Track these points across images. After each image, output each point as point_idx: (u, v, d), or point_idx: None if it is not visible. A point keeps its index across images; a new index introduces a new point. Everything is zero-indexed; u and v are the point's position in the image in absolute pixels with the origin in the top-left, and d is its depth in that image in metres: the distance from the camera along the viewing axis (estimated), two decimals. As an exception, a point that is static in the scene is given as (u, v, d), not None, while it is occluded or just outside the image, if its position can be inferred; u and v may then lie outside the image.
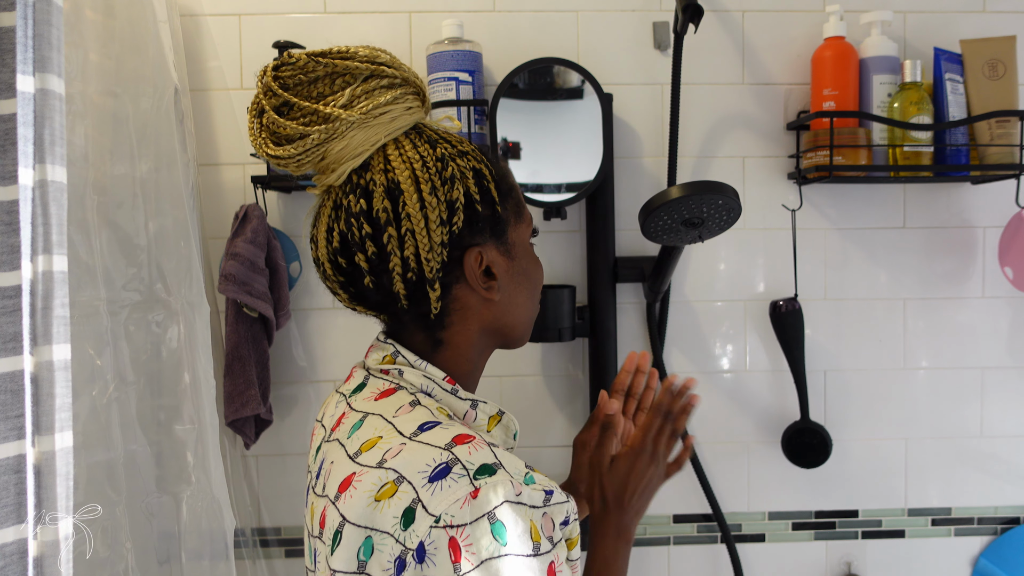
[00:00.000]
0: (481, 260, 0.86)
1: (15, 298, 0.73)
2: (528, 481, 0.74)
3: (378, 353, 0.90)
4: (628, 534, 1.02)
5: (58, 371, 0.77)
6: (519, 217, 0.91)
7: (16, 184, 0.73)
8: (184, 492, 1.31)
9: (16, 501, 0.73)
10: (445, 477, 0.71)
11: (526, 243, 0.93)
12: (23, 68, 0.73)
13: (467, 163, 0.86)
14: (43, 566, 0.76)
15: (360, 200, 0.83)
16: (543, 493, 0.75)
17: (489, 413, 0.90)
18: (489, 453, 0.74)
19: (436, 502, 0.70)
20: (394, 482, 0.72)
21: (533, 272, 0.94)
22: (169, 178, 1.33)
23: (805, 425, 1.56)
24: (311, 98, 0.84)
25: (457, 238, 0.84)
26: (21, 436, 0.74)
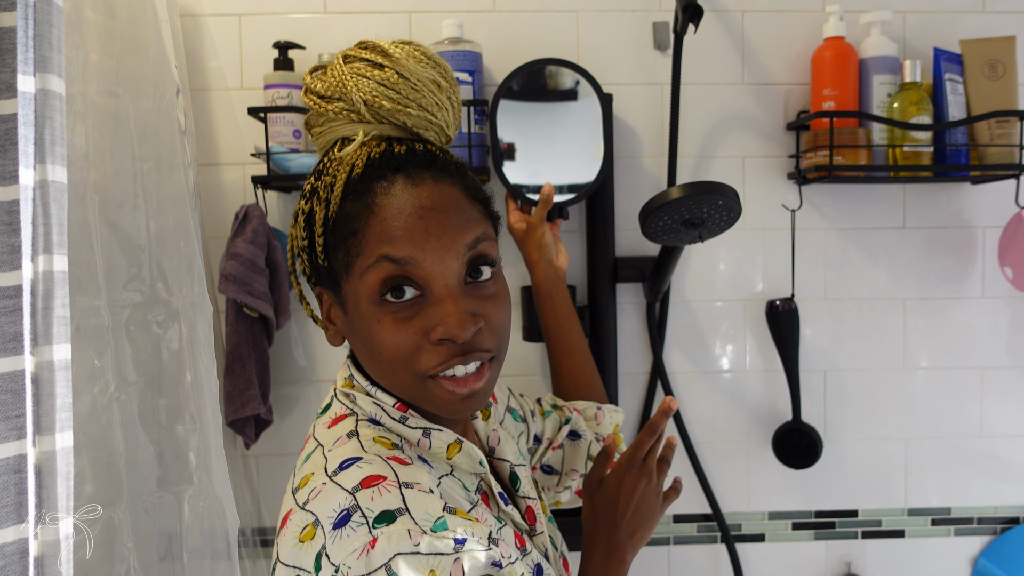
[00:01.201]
0: (328, 303, 0.84)
1: (15, 298, 0.73)
2: (437, 528, 0.69)
3: (341, 373, 0.88)
4: (621, 554, 0.98)
5: (58, 371, 0.77)
6: (349, 270, 0.77)
7: (17, 184, 0.73)
8: (186, 492, 1.31)
9: (16, 501, 0.73)
10: (345, 525, 0.69)
11: (363, 301, 0.77)
12: (24, 68, 0.73)
13: (309, 203, 0.80)
14: (43, 566, 0.76)
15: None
16: (452, 541, 0.68)
17: (446, 441, 0.83)
18: (395, 498, 0.70)
19: (336, 551, 0.68)
20: (312, 524, 0.71)
21: (366, 335, 0.78)
22: (170, 178, 1.33)
23: (796, 426, 1.56)
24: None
25: (311, 275, 0.83)
26: (22, 436, 0.74)
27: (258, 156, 1.47)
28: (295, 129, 1.49)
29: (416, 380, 0.78)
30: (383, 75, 0.79)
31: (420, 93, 0.80)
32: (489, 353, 0.79)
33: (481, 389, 0.79)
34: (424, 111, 0.81)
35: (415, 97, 0.80)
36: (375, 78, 0.79)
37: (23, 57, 0.73)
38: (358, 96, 0.79)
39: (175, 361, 1.33)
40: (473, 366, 0.78)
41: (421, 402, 0.80)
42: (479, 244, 0.79)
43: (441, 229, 0.76)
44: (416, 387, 0.78)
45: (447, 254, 0.76)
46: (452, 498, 0.78)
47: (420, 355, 0.76)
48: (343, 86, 0.79)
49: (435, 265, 0.75)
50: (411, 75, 0.80)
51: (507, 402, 1.14)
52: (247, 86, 1.55)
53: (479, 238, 0.79)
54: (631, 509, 0.99)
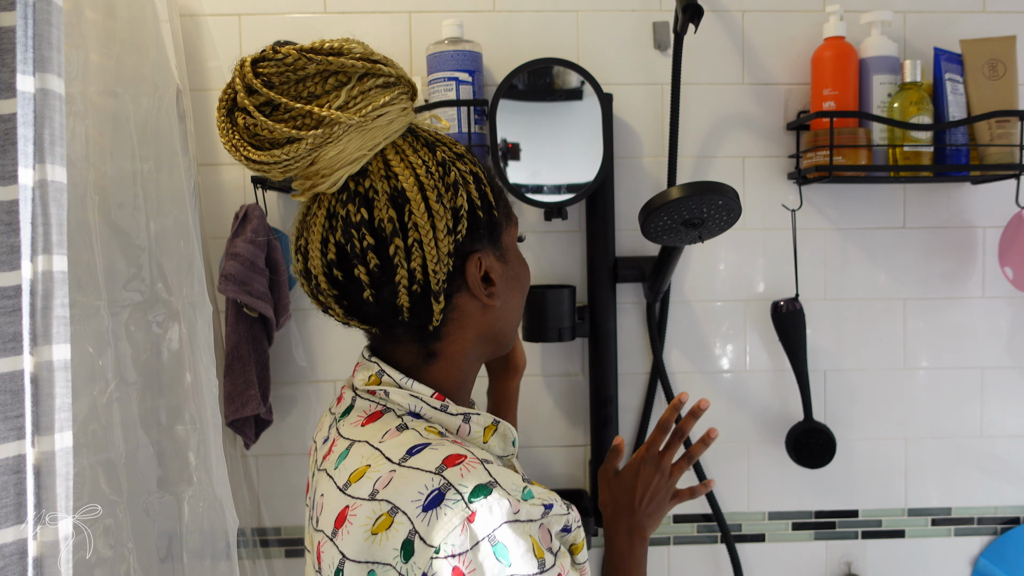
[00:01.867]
0: (481, 266, 0.83)
1: (15, 298, 0.73)
2: (526, 496, 0.72)
3: (363, 373, 0.87)
4: (642, 531, 1.06)
5: (58, 371, 0.77)
6: (509, 220, 0.90)
7: (16, 184, 0.73)
8: (186, 492, 1.31)
9: (16, 501, 0.73)
10: (440, 505, 0.68)
11: (515, 246, 0.92)
12: (23, 68, 0.73)
13: (466, 167, 0.83)
14: (43, 566, 0.76)
15: (361, 209, 0.77)
16: (542, 507, 0.73)
17: (484, 424, 0.86)
18: (483, 472, 0.72)
19: (433, 532, 0.67)
20: (388, 513, 0.70)
21: (523, 274, 0.93)
22: (170, 178, 1.33)
23: (810, 425, 1.56)
24: (301, 98, 0.77)
25: (461, 246, 0.81)
26: (21, 436, 0.74)
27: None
28: (295, 129, 1.48)
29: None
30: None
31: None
32: None
33: None
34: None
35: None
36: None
37: (23, 57, 0.73)
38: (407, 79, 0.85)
39: (175, 361, 1.33)
40: None
41: (514, 336, 0.95)
42: None
43: None
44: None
45: None
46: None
47: None
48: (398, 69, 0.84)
49: None
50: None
51: None
52: (247, 86, 1.55)
53: None
54: (646, 498, 1.07)
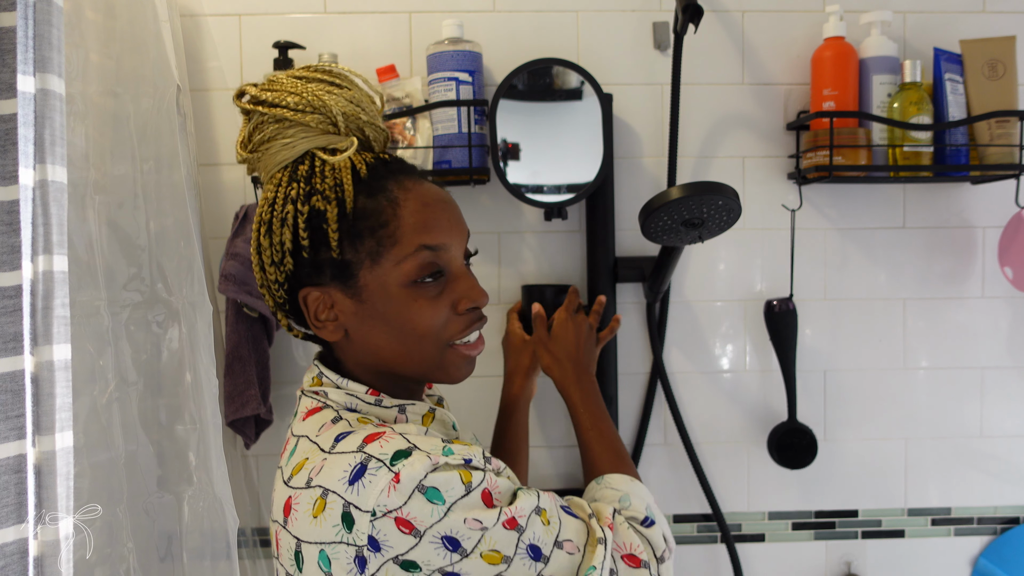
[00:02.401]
0: (323, 300, 0.88)
1: (15, 298, 0.73)
2: (446, 452, 0.79)
3: (308, 375, 0.96)
4: (589, 376, 1.24)
5: (58, 371, 0.77)
6: (377, 259, 0.86)
7: (16, 184, 0.73)
8: (186, 492, 1.31)
9: (16, 501, 0.73)
10: (363, 475, 0.76)
11: (393, 286, 0.86)
12: (23, 68, 0.73)
13: (311, 204, 0.85)
14: (43, 566, 0.76)
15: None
16: (461, 460, 0.79)
17: (420, 412, 0.92)
18: (401, 440, 0.78)
19: (364, 499, 0.75)
20: (321, 496, 0.77)
21: (396, 317, 0.87)
22: (170, 178, 1.33)
23: (793, 426, 1.56)
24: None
25: (294, 277, 0.88)
26: (21, 436, 0.74)
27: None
28: (295, 129, 1.48)
29: (439, 350, 0.90)
30: (350, 93, 0.90)
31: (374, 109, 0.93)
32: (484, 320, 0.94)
33: (480, 352, 0.95)
34: (380, 127, 0.93)
35: (374, 112, 0.93)
36: (343, 95, 0.89)
37: (23, 57, 0.73)
38: (337, 109, 0.87)
39: (175, 361, 1.33)
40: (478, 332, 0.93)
41: (435, 372, 0.91)
42: (468, 236, 0.95)
43: (456, 219, 0.91)
44: (437, 357, 0.90)
45: (462, 240, 0.92)
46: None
47: (448, 325, 0.89)
48: (320, 100, 0.87)
49: (456, 249, 0.90)
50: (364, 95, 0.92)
51: None
52: (247, 86, 1.55)
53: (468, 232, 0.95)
54: (582, 347, 1.27)
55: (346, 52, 1.54)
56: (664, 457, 1.62)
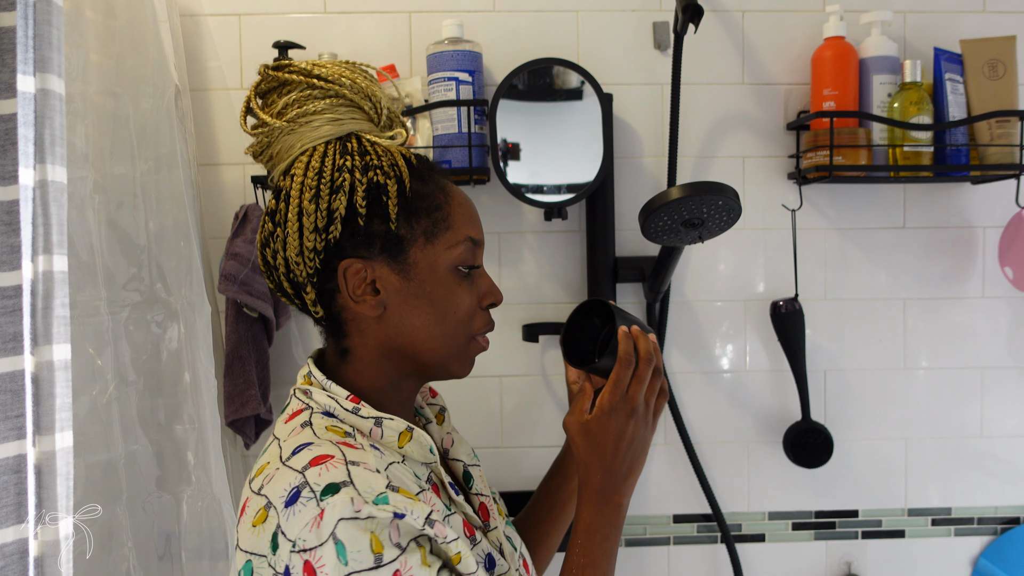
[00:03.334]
0: (364, 274, 0.87)
1: (15, 298, 0.73)
2: (379, 500, 0.74)
3: (301, 372, 0.95)
4: (616, 498, 0.95)
5: (58, 371, 0.77)
6: (432, 239, 0.88)
7: (16, 184, 0.73)
8: (184, 492, 1.31)
9: (16, 501, 0.73)
10: (296, 502, 0.74)
11: (442, 268, 0.88)
12: (23, 68, 0.73)
13: (369, 176, 0.86)
14: (43, 566, 0.76)
15: (271, 200, 0.90)
16: (391, 514, 0.74)
17: (397, 430, 0.87)
18: (341, 472, 0.75)
19: (291, 527, 0.73)
20: (264, 507, 0.76)
21: (442, 299, 0.88)
22: (169, 178, 1.33)
23: (808, 425, 1.56)
24: (264, 106, 0.92)
25: (335, 248, 0.86)
26: (21, 436, 0.74)
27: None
28: (295, 129, 1.48)
29: (467, 339, 0.92)
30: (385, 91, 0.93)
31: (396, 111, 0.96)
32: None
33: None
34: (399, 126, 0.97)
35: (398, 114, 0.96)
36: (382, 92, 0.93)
37: (23, 57, 0.73)
38: (386, 103, 0.92)
39: (174, 361, 1.33)
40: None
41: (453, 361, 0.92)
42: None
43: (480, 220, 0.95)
44: (464, 346, 0.92)
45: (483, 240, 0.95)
46: (401, 482, 0.81)
47: (476, 317, 0.93)
48: (372, 91, 0.91)
49: (483, 248, 0.94)
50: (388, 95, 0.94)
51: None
52: (247, 86, 1.55)
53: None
54: (622, 452, 0.95)
55: (346, 52, 1.54)
56: (664, 457, 1.62)
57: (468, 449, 1.06)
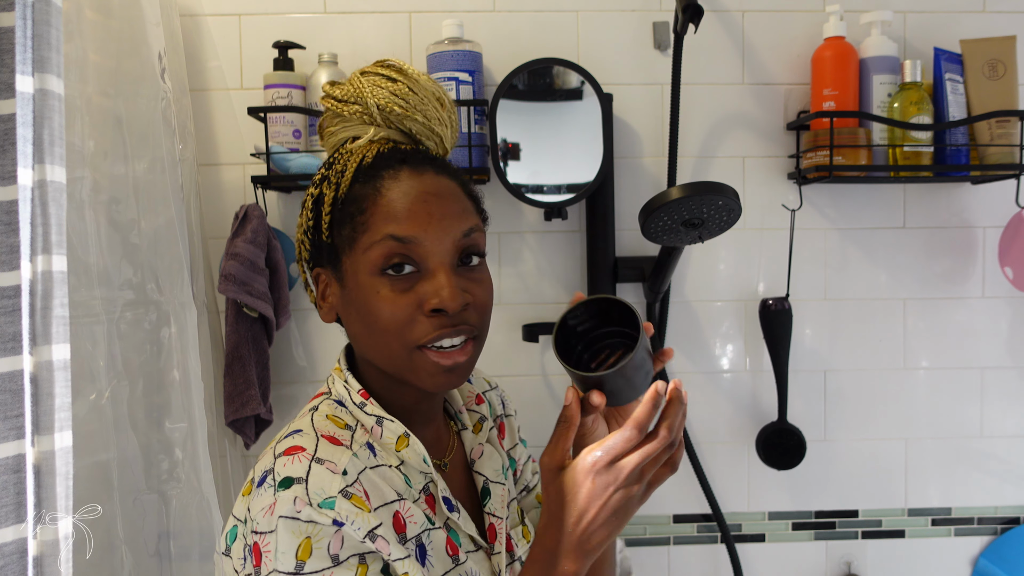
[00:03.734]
0: (325, 282, 0.89)
1: (14, 298, 0.73)
2: (324, 504, 0.75)
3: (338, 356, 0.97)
4: (568, 566, 0.79)
5: (57, 371, 0.77)
6: (353, 244, 0.83)
7: (15, 184, 0.73)
8: (173, 490, 1.31)
9: (16, 501, 0.73)
10: (262, 485, 0.77)
11: (363, 274, 0.83)
12: (22, 68, 0.73)
13: (318, 189, 0.88)
14: (42, 566, 0.76)
15: None
16: (331, 521, 0.74)
17: (396, 432, 0.87)
18: (302, 467, 0.77)
19: (254, 506, 0.77)
20: (250, 482, 0.81)
21: (363, 306, 0.83)
22: (162, 179, 1.33)
23: (782, 426, 1.56)
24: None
25: (310, 258, 0.91)
26: (21, 436, 0.74)
27: (258, 156, 1.47)
28: (295, 129, 1.49)
29: (406, 351, 0.83)
30: (396, 87, 0.89)
31: (426, 106, 0.90)
32: (474, 330, 0.85)
33: (464, 364, 0.84)
34: (427, 121, 0.90)
35: (421, 108, 0.90)
36: (388, 88, 0.89)
37: (21, 57, 0.73)
38: (372, 101, 0.88)
39: (164, 361, 1.33)
40: (459, 339, 0.83)
41: (407, 374, 0.84)
42: (472, 234, 0.86)
43: (441, 213, 0.84)
44: (405, 358, 0.83)
45: (445, 236, 0.83)
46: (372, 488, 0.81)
47: (414, 326, 0.82)
48: (360, 92, 0.89)
49: (433, 244, 0.82)
50: (419, 90, 0.90)
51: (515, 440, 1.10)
52: (247, 86, 1.55)
53: (473, 228, 0.86)
54: (590, 520, 0.79)
55: (346, 52, 1.54)
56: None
57: (497, 465, 0.99)
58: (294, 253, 1.55)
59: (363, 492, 0.79)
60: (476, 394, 1.05)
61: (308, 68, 1.52)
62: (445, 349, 0.83)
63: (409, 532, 0.81)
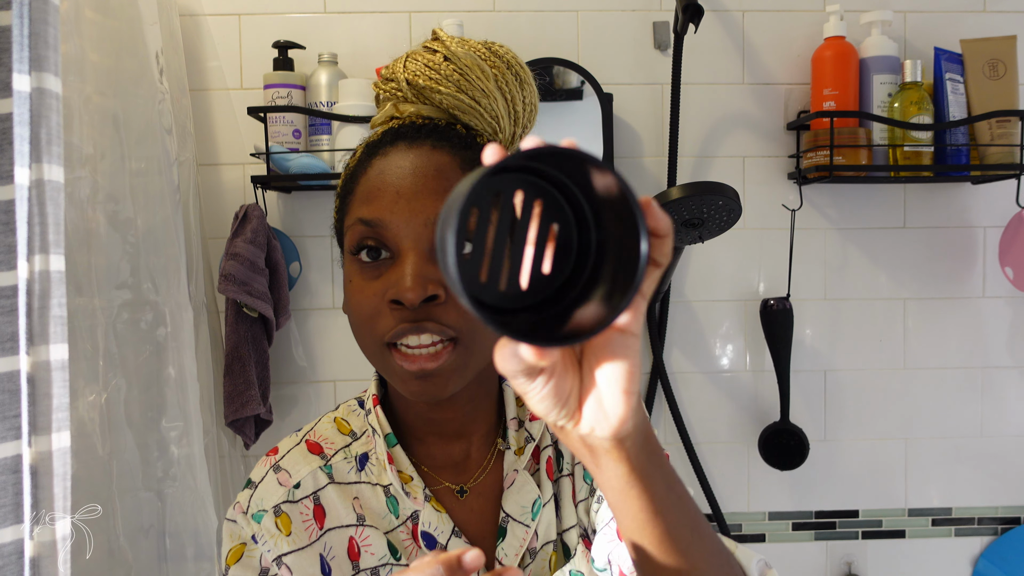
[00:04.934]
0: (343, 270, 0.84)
1: (12, 298, 0.73)
2: (255, 518, 0.76)
3: None
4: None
5: (55, 371, 0.77)
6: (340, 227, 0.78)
7: (12, 184, 0.73)
8: (169, 489, 1.31)
9: (15, 501, 0.73)
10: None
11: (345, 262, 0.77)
12: (19, 67, 0.73)
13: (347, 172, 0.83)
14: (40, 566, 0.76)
15: None
16: (250, 536, 0.76)
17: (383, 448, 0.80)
18: (262, 472, 0.79)
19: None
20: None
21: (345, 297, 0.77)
22: (159, 178, 1.33)
23: (784, 426, 1.56)
24: None
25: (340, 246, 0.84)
26: (19, 436, 0.73)
27: (258, 156, 1.47)
28: (295, 129, 1.49)
29: (378, 347, 0.73)
30: (431, 58, 0.78)
31: (463, 76, 0.78)
32: (448, 331, 0.71)
33: (436, 371, 0.71)
34: (460, 92, 0.78)
35: (455, 79, 0.77)
36: (423, 60, 0.78)
37: (19, 56, 0.73)
38: (403, 75, 0.78)
39: (160, 360, 1.33)
40: (427, 339, 0.71)
41: (387, 376, 0.75)
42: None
43: (412, 192, 0.72)
44: (379, 355, 0.74)
45: (414, 217, 0.71)
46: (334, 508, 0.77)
47: (379, 318, 0.72)
48: (395, 68, 0.80)
49: (401, 227, 0.71)
50: (456, 59, 0.78)
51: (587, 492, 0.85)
52: (247, 86, 1.55)
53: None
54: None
55: (346, 52, 1.54)
56: (664, 457, 1.62)
57: (527, 500, 0.80)
58: (294, 253, 1.56)
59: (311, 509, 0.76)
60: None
61: (308, 68, 1.52)
62: (411, 349, 0.71)
63: (363, 562, 0.75)
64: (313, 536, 0.75)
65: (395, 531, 0.77)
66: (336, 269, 1.58)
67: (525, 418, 0.83)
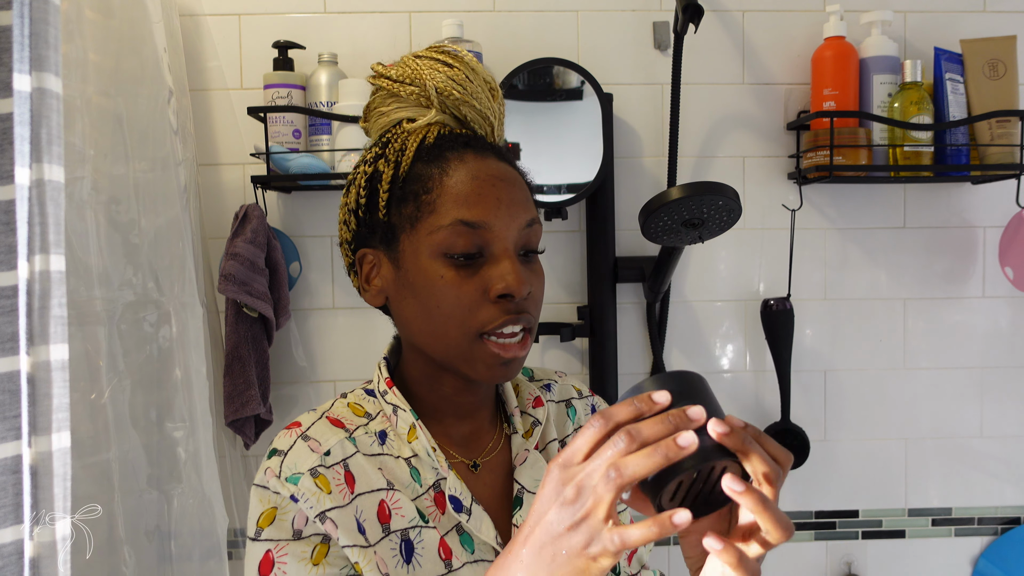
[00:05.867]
0: (372, 263, 0.87)
1: (12, 298, 0.73)
2: (291, 480, 0.78)
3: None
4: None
5: (55, 371, 0.77)
6: (415, 225, 0.82)
7: (13, 184, 0.73)
8: (175, 490, 1.31)
9: (15, 502, 0.73)
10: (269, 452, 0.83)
11: (424, 256, 0.81)
12: (20, 67, 0.73)
13: (372, 166, 0.86)
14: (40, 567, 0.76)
15: None
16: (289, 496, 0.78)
17: (407, 422, 0.86)
18: (288, 441, 0.82)
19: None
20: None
21: (423, 290, 0.82)
22: (163, 178, 1.33)
23: (785, 427, 1.56)
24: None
25: (355, 239, 0.89)
26: (18, 437, 0.73)
27: (258, 156, 1.47)
28: (295, 129, 1.49)
29: (466, 338, 0.81)
30: (453, 72, 0.86)
31: (480, 94, 0.88)
32: (532, 321, 0.84)
33: (520, 358, 0.83)
34: (481, 110, 0.88)
35: (477, 96, 0.87)
36: (446, 73, 0.86)
37: (19, 56, 0.73)
38: (432, 84, 0.86)
39: (166, 361, 1.33)
40: (519, 328, 0.82)
41: (460, 363, 0.83)
42: (533, 225, 0.85)
43: (510, 199, 0.83)
44: (464, 346, 0.81)
45: (512, 222, 0.82)
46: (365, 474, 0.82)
47: (478, 311, 0.80)
48: (419, 74, 0.86)
49: (501, 230, 0.81)
50: (475, 78, 0.88)
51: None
52: (247, 86, 1.55)
53: (534, 220, 0.85)
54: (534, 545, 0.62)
55: (346, 52, 1.54)
56: (664, 457, 1.62)
57: (539, 474, 0.89)
58: (294, 253, 1.56)
59: (342, 475, 0.80)
60: (535, 397, 0.96)
61: (308, 68, 1.52)
62: (506, 337, 0.81)
63: (394, 524, 0.80)
64: (347, 499, 0.79)
65: (420, 498, 0.83)
66: (336, 269, 1.58)
67: (525, 407, 0.95)
